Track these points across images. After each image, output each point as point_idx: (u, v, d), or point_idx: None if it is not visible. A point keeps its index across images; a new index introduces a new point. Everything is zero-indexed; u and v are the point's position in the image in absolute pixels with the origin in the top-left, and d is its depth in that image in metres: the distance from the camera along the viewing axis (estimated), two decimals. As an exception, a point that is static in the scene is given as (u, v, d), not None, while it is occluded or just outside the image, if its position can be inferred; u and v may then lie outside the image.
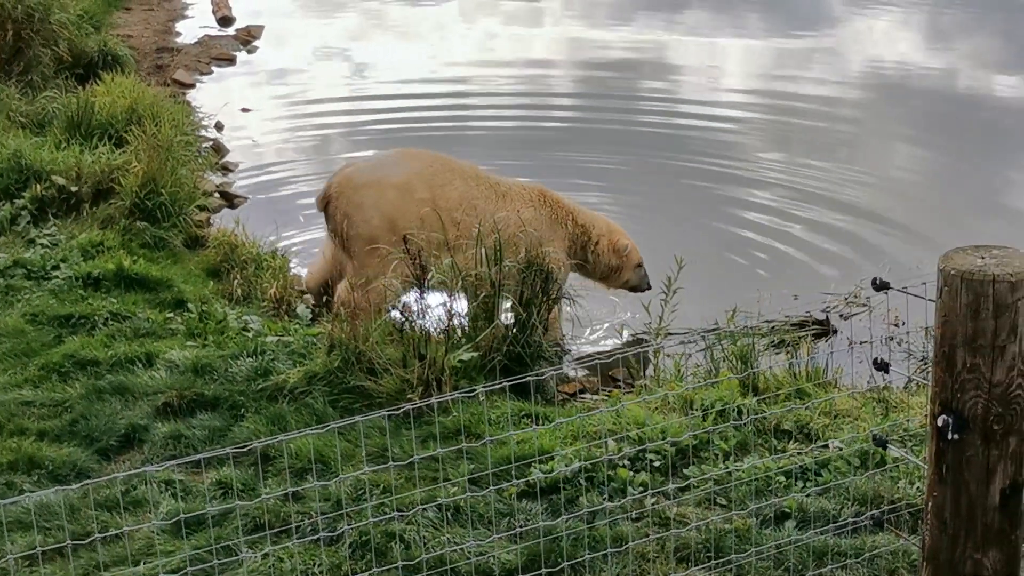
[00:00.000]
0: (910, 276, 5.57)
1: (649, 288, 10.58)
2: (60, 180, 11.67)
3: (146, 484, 7.09)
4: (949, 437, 3.96)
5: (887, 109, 16.74)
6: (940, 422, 3.97)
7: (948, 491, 4.05)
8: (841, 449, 7.31)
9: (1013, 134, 15.54)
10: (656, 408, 8.02)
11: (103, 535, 6.45)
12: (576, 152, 14.79)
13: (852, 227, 12.75)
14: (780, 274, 11.67)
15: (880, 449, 6.93)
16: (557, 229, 10.26)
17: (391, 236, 9.50)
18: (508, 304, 9.05)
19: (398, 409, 5.43)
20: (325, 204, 10.10)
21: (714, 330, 9.54)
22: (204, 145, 14.47)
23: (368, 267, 9.66)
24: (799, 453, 7.33)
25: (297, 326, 9.50)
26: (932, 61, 18.81)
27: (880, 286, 4.51)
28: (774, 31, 20.45)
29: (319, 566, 6.38)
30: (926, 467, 4.19)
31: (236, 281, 10.51)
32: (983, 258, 3.90)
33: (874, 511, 6.64)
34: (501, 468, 6.96)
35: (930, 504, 4.11)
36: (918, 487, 6.92)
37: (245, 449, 5.69)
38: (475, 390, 7.61)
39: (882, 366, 4.68)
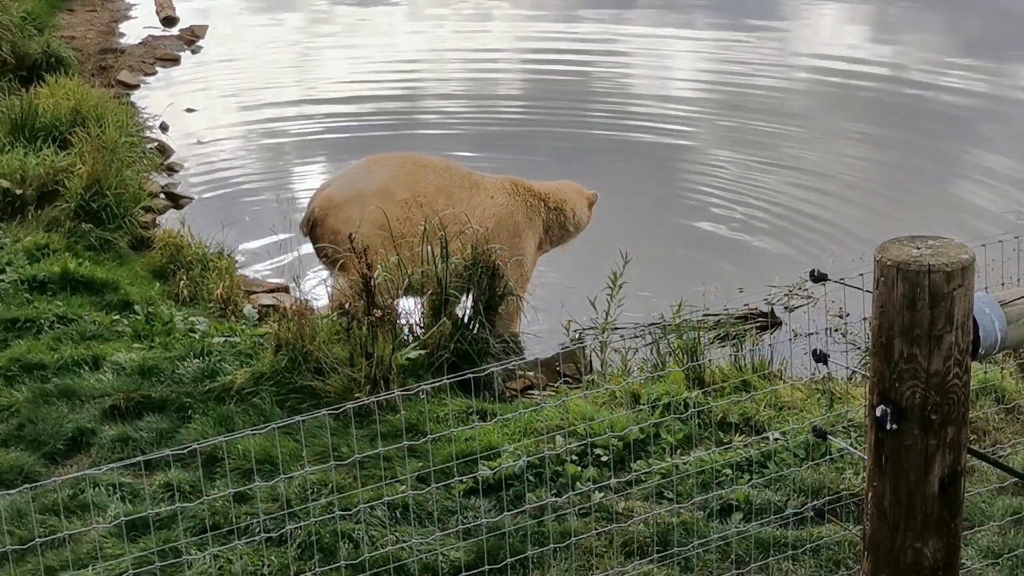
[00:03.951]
0: (855, 267, 5.58)
1: None
2: (4, 183, 11.59)
3: (93, 487, 7.06)
4: (888, 427, 3.97)
5: (836, 101, 16.81)
6: (878, 412, 3.97)
7: (887, 481, 4.06)
8: (778, 440, 7.34)
9: (960, 125, 15.64)
10: (603, 403, 8.04)
11: (44, 539, 6.41)
12: (523, 143, 14.82)
13: (799, 218, 12.80)
14: (726, 267, 11.71)
15: (821, 440, 6.98)
16: (533, 217, 10.41)
17: (383, 242, 9.50)
18: (466, 301, 9.09)
19: (338, 409, 5.42)
20: (311, 228, 10.12)
21: (658, 324, 9.57)
22: (149, 146, 14.38)
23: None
24: (745, 445, 7.37)
25: (244, 327, 9.48)
26: (880, 53, 18.90)
27: (818, 278, 4.53)
28: (722, 24, 20.50)
29: (267, 567, 6.38)
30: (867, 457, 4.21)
31: (182, 282, 10.47)
32: (919, 248, 3.90)
33: (815, 502, 6.67)
34: (447, 465, 6.97)
35: (870, 494, 4.12)
36: (863, 477, 6.95)
37: (185, 450, 5.66)
38: (412, 388, 7.61)
39: (821, 357, 4.69)
